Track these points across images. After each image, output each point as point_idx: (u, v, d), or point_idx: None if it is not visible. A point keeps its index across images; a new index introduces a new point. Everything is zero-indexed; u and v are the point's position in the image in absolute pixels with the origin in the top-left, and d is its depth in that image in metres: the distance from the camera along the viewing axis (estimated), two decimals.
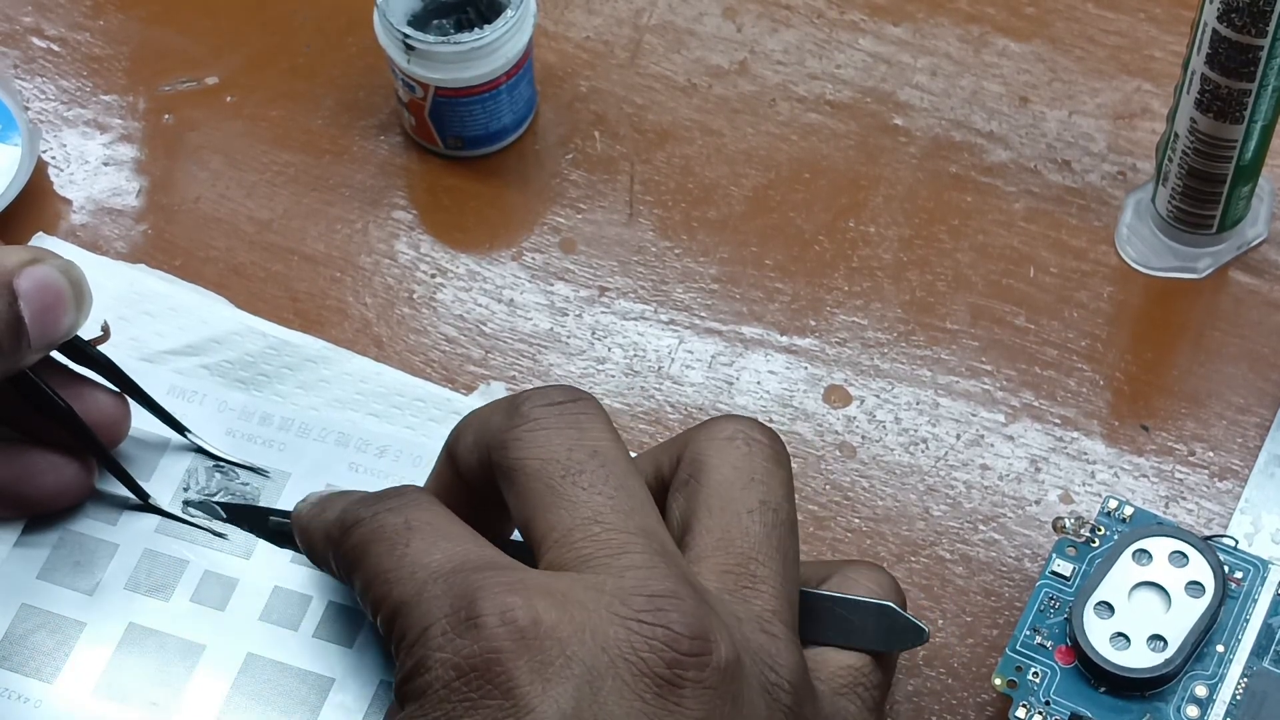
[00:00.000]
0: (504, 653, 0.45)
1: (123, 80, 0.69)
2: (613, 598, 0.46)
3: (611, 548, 0.47)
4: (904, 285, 0.64)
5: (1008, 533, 0.59)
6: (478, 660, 0.45)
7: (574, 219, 0.66)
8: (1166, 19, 0.70)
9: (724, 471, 0.50)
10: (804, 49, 0.70)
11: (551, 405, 0.50)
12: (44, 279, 0.54)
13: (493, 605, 0.46)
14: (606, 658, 0.45)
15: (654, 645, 0.45)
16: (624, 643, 0.46)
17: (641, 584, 0.46)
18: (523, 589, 0.46)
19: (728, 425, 0.51)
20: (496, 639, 0.45)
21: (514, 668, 0.45)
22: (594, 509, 0.48)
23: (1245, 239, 0.65)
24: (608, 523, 0.48)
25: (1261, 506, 0.59)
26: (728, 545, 0.49)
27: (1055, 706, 0.53)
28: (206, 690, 0.56)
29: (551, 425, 0.50)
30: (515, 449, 0.50)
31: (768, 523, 0.50)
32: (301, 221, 0.66)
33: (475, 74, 0.64)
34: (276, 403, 0.61)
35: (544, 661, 0.45)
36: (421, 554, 0.49)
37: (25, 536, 0.58)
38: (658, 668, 0.45)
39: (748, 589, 0.49)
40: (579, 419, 0.50)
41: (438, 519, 0.50)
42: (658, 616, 0.46)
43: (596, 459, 0.49)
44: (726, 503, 0.50)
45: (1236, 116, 0.59)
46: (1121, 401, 0.62)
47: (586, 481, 0.49)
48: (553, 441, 0.49)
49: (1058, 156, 0.67)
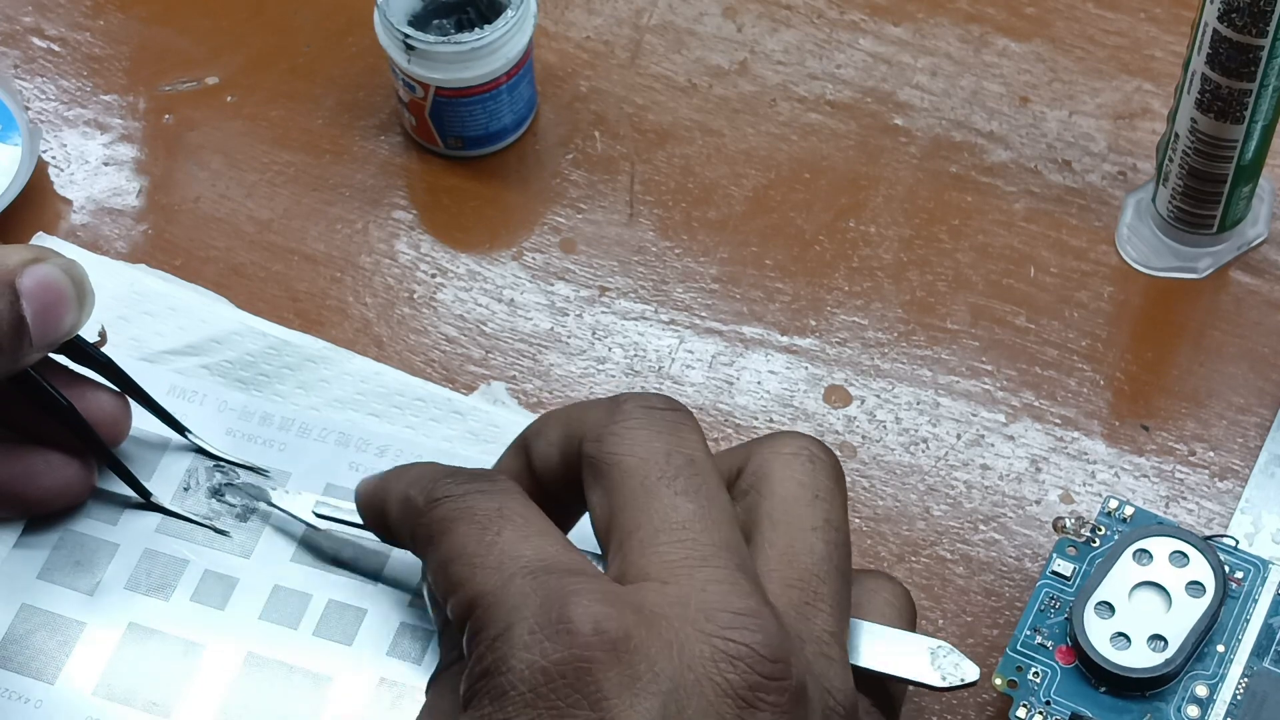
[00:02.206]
0: (596, 663, 0.44)
1: (123, 80, 0.70)
2: (698, 613, 0.46)
3: (695, 558, 0.47)
4: (904, 285, 0.64)
5: (1008, 532, 0.59)
6: (568, 668, 0.44)
7: (574, 219, 0.66)
8: (1167, 19, 0.70)
9: (789, 486, 0.50)
10: (804, 49, 0.70)
11: (652, 409, 0.50)
12: (46, 278, 0.54)
13: (586, 613, 0.45)
14: (692, 675, 0.45)
15: (738, 665, 0.45)
16: (708, 660, 0.45)
17: (725, 600, 0.46)
18: (615, 600, 0.45)
19: (792, 441, 0.51)
20: (590, 648, 0.44)
21: (604, 679, 0.44)
22: (684, 516, 0.48)
23: (1246, 239, 0.65)
24: (694, 532, 0.47)
25: (1262, 506, 0.59)
26: (792, 560, 0.49)
27: (1056, 706, 0.53)
28: (206, 690, 0.56)
29: (652, 427, 0.49)
30: (613, 443, 0.49)
31: (830, 541, 0.49)
32: (302, 221, 0.66)
33: (475, 74, 0.64)
34: (277, 403, 0.61)
35: (633, 676, 0.44)
36: (512, 545, 0.48)
37: (26, 536, 0.58)
38: (740, 689, 0.45)
39: (809, 606, 0.48)
40: (678, 426, 0.50)
41: (530, 513, 0.49)
42: (742, 635, 0.45)
43: (692, 467, 0.49)
44: (791, 518, 0.49)
45: (1237, 116, 0.59)
46: (1122, 401, 0.62)
47: (681, 487, 0.48)
48: (653, 442, 0.49)
49: (1058, 156, 0.67)
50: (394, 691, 0.56)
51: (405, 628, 0.57)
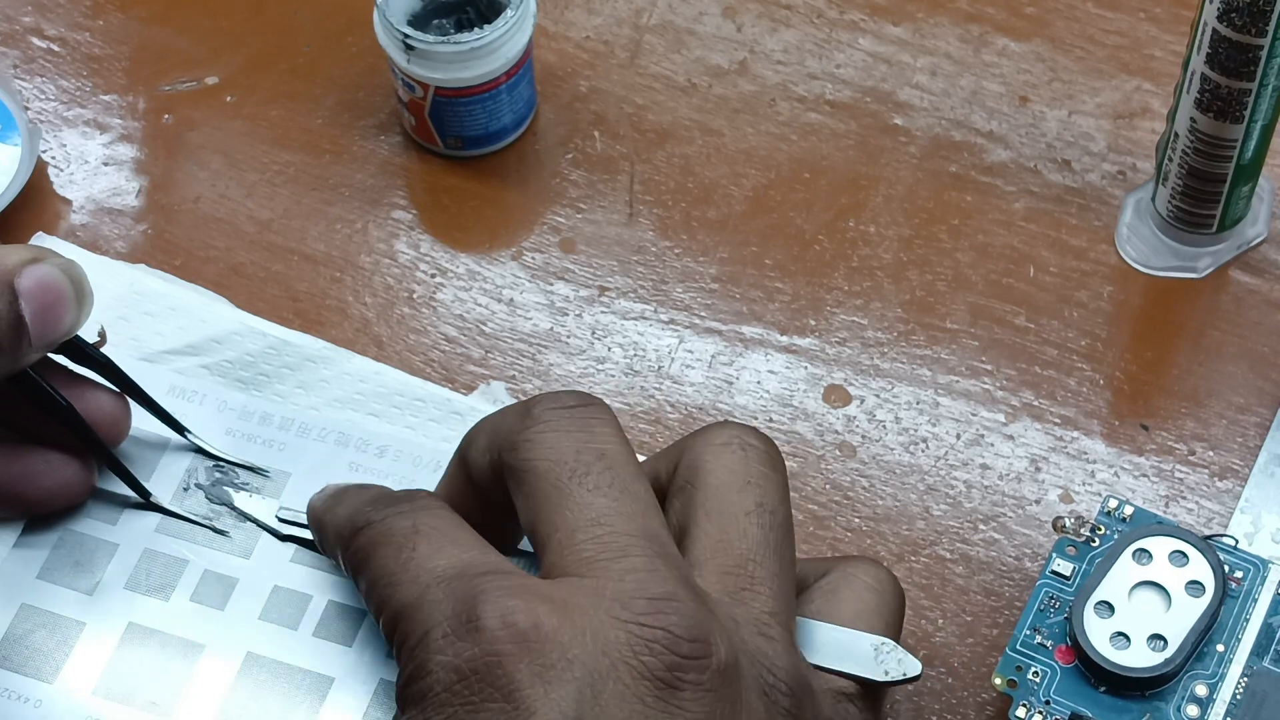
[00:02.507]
0: (505, 656, 0.45)
1: (123, 80, 0.70)
2: (613, 601, 0.46)
3: (613, 550, 0.48)
4: (904, 285, 0.64)
5: (1008, 532, 0.59)
6: (478, 663, 0.46)
7: (574, 219, 0.66)
8: (1166, 18, 0.70)
9: (720, 475, 0.50)
10: (804, 49, 0.70)
11: (562, 409, 0.50)
12: (45, 278, 0.54)
13: (494, 609, 0.46)
14: (607, 660, 0.45)
15: (654, 648, 0.46)
16: (624, 645, 0.46)
17: (641, 587, 0.47)
18: (524, 593, 0.46)
19: (723, 431, 0.51)
20: (498, 642, 0.45)
21: (515, 671, 0.45)
22: (597, 511, 0.48)
23: (1245, 238, 0.65)
24: (610, 525, 0.48)
25: (1261, 506, 0.59)
26: (726, 547, 0.49)
27: (1055, 706, 0.53)
28: (206, 690, 0.56)
29: (561, 428, 0.50)
30: (525, 449, 0.50)
31: (764, 525, 0.50)
32: (301, 221, 0.66)
33: (475, 74, 0.64)
34: (276, 402, 0.61)
35: (545, 665, 0.45)
36: (426, 559, 0.49)
37: (25, 536, 0.58)
38: (658, 670, 0.45)
39: (746, 591, 0.49)
40: (589, 423, 0.50)
41: (445, 525, 0.50)
42: (657, 619, 0.46)
43: (603, 461, 0.49)
44: (723, 506, 0.50)
45: (1236, 116, 0.59)
46: (1121, 401, 0.62)
47: (592, 483, 0.49)
48: (561, 443, 0.50)
49: (1058, 156, 0.67)
50: (394, 692, 0.56)
51: None
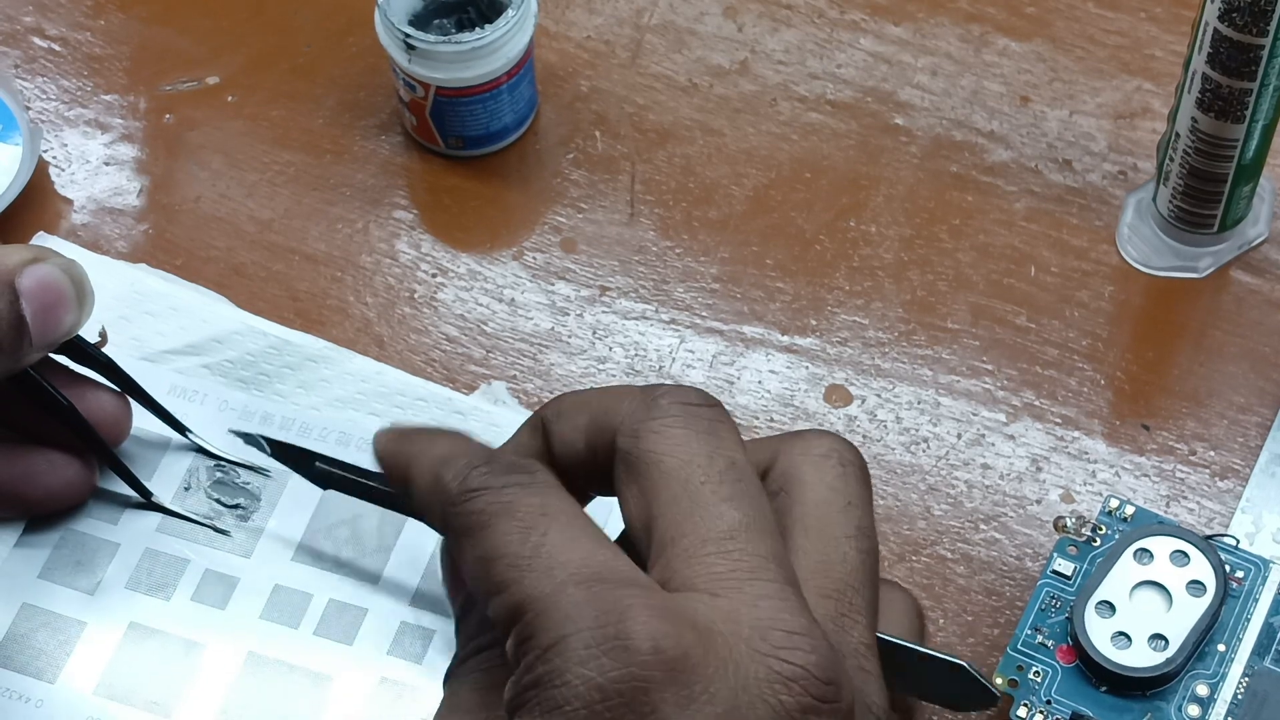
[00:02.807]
0: (653, 683, 0.43)
1: (123, 80, 0.70)
2: (752, 631, 0.44)
3: (744, 571, 0.45)
4: (905, 285, 0.64)
5: (1009, 532, 0.59)
6: (625, 687, 0.43)
7: (575, 219, 0.66)
8: (1167, 18, 0.70)
9: (820, 491, 0.49)
10: (805, 49, 0.70)
11: (690, 405, 0.48)
12: (46, 278, 0.54)
13: (645, 630, 0.44)
14: (746, 697, 0.44)
15: (792, 687, 0.44)
16: (764, 681, 0.44)
17: (777, 618, 0.45)
18: (672, 617, 0.44)
19: (822, 441, 0.50)
20: (648, 667, 0.43)
21: (660, 700, 0.43)
22: (730, 524, 0.46)
23: (1246, 238, 0.65)
24: (742, 542, 0.46)
25: (1262, 506, 0.59)
26: (827, 570, 0.48)
27: (1056, 706, 0.53)
28: (207, 689, 0.56)
29: (691, 426, 0.48)
30: (651, 441, 0.47)
31: (864, 549, 0.48)
32: (302, 221, 0.66)
33: (476, 74, 0.64)
34: (277, 402, 0.61)
35: (689, 697, 0.43)
36: (559, 549, 0.46)
37: (26, 536, 0.58)
38: (793, 710, 0.44)
39: (845, 618, 0.47)
40: (716, 426, 0.48)
41: (574, 513, 0.47)
42: (796, 656, 0.44)
43: (734, 471, 0.47)
44: (825, 526, 0.48)
45: (1237, 116, 0.59)
46: (1122, 401, 0.62)
47: (726, 493, 0.46)
48: (693, 443, 0.47)
49: (1058, 156, 0.67)
50: (394, 691, 0.56)
51: (406, 627, 0.57)
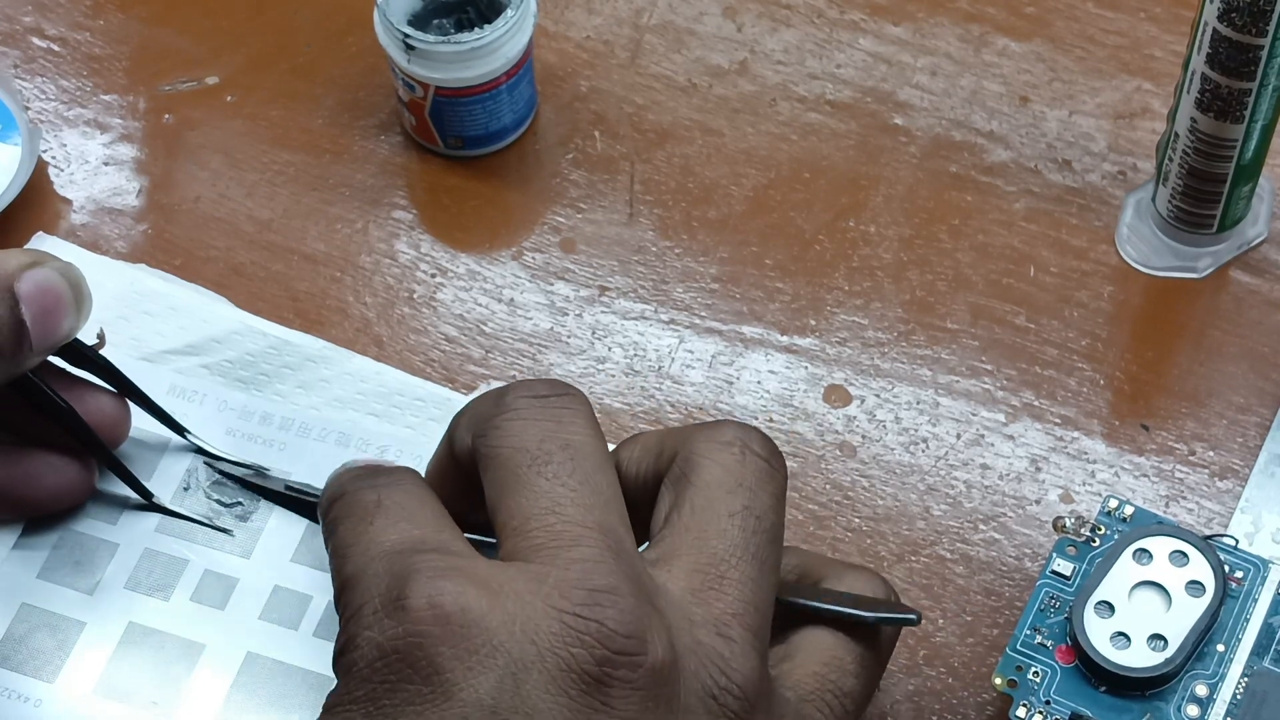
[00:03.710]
0: (427, 637, 0.45)
1: (123, 80, 0.70)
2: (552, 589, 0.46)
3: (564, 539, 0.47)
4: (904, 285, 0.64)
5: (1008, 532, 0.59)
6: (400, 643, 0.46)
7: (574, 219, 0.66)
8: (1166, 18, 0.70)
9: (714, 473, 0.50)
10: (804, 49, 0.70)
11: (535, 397, 0.50)
12: (44, 282, 0.54)
13: (422, 589, 0.46)
14: (535, 650, 0.45)
15: (585, 640, 0.45)
16: (555, 636, 0.45)
17: (584, 578, 0.46)
18: (456, 575, 0.46)
19: (729, 430, 0.51)
20: (421, 623, 0.46)
21: (436, 653, 0.45)
22: (553, 499, 0.48)
23: (1245, 238, 0.65)
24: (564, 514, 0.48)
25: (1262, 506, 0.59)
26: (701, 545, 0.49)
27: (1055, 706, 0.53)
28: (206, 690, 0.56)
29: (530, 416, 0.50)
30: (493, 436, 0.50)
31: (748, 528, 0.49)
32: (302, 221, 0.66)
33: (475, 74, 0.64)
34: (277, 402, 0.61)
35: (468, 649, 0.45)
36: (380, 532, 0.49)
37: (25, 536, 0.58)
38: (586, 664, 0.45)
39: (713, 590, 0.48)
40: (559, 412, 0.50)
41: (410, 500, 0.50)
42: (593, 611, 0.46)
43: (567, 451, 0.49)
44: (710, 503, 0.50)
45: (1237, 116, 0.59)
46: (1122, 401, 0.62)
47: (551, 472, 0.49)
48: (527, 431, 0.50)
49: (1058, 156, 0.67)
50: None
51: None
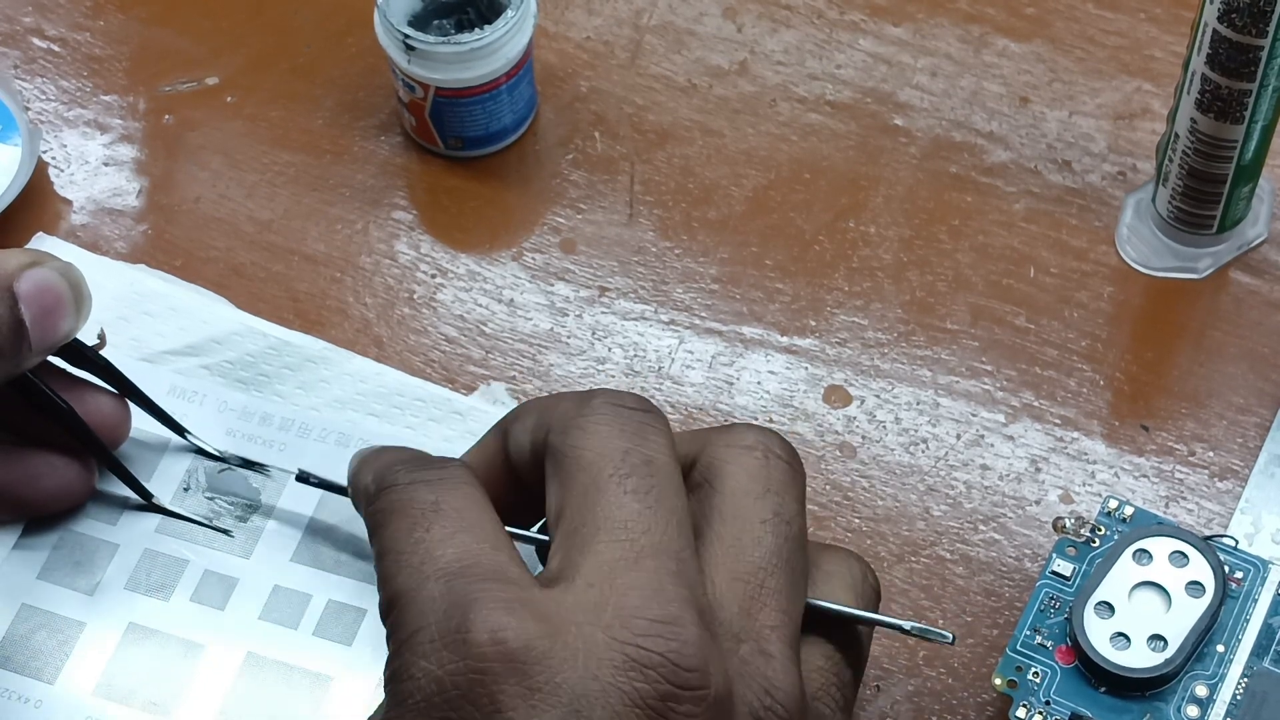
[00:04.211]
0: (489, 674, 0.44)
1: (123, 80, 0.70)
2: (613, 619, 0.45)
3: (628, 559, 0.46)
4: (904, 285, 0.64)
5: (1008, 533, 0.59)
6: (461, 679, 0.44)
7: (574, 219, 0.66)
8: (1166, 19, 0.70)
9: (740, 479, 0.50)
10: (804, 49, 0.70)
11: (623, 407, 0.50)
12: (44, 282, 0.54)
13: (484, 622, 0.45)
14: (598, 685, 0.44)
15: (649, 675, 0.45)
16: (618, 669, 0.45)
17: (643, 606, 0.45)
18: (519, 609, 0.45)
19: (748, 434, 0.51)
20: (485, 659, 0.44)
21: (498, 691, 0.44)
22: (627, 515, 0.47)
23: (1245, 239, 0.65)
24: (635, 533, 0.47)
25: (1262, 506, 0.59)
26: (739, 554, 0.48)
27: (1055, 706, 0.53)
28: (206, 690, 0.56)
29: (616, 424, 0.49)
30: (575, 436, 0.49)
31: (780, 534, 0.49)
32: (302, 222, 0.66)
33: (475, 74, 0.64)
34: (277, 403, 0.61)
35: (531, 688, 0.44)
36: (437, 544, 0.47)
37: (25, 537, 0.58)
38: (650, 698, 0.44)
39: (754, 600, 0.48)
40: (644, 427, 0.49)
41: (468, 506, 0.49)
42: (655, 643, 0.45)
43: (648, 468, 0.48)
44: (740, 511, 0.49)
45: (1237, 117, 0.59)
46: (1122, 401, 0.62)
47: (631, 486, 0.48)
48: (613, 439, 0.49)
49: (1058, 157, 0.67)
50: None
51: None
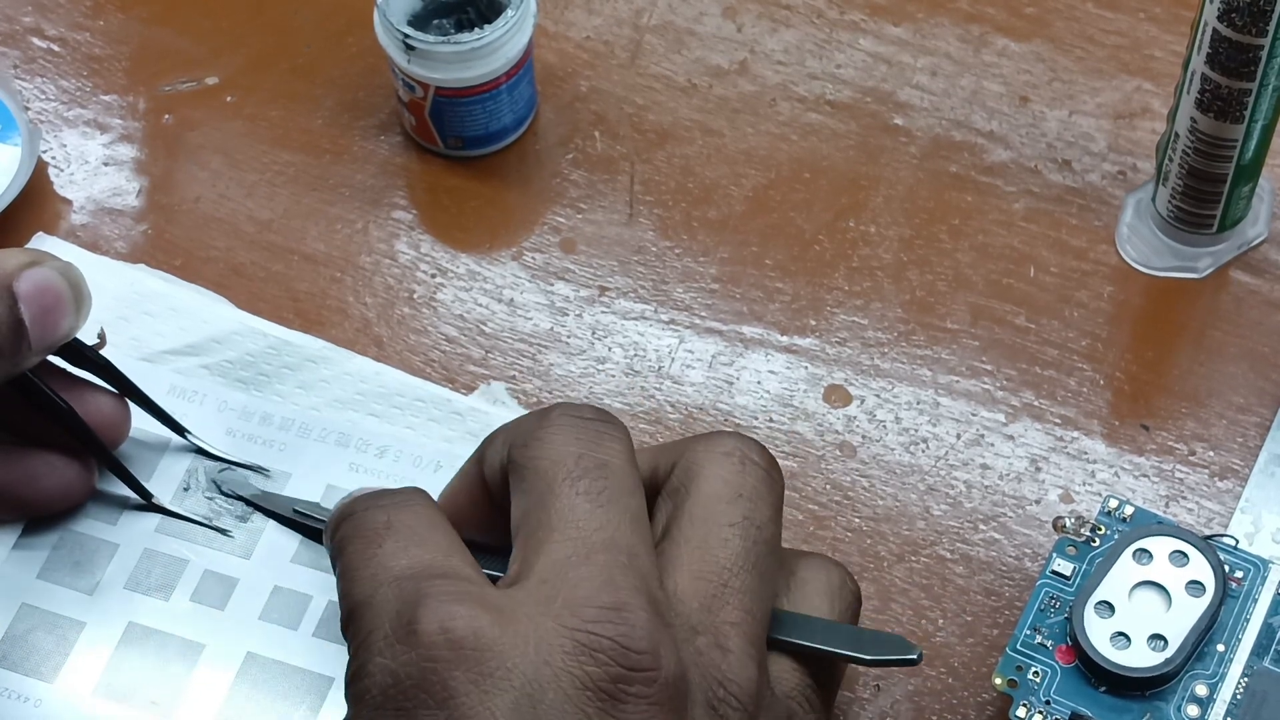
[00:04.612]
0: (440, 662, 0.45)
1: (123, 80, 0.70)
2: (562, 608, 0.46)
3: (579, 555, 0.47)
4: (904, 285, 0.64)
5: (1008, 532, 0.59)
6: (413, 669, 0.45)
7: (574, 219, 0.66)
8: (1166, 19, 0.70)
9: (714, 484, 0.50)
10: (804, 49, 0.70)
11: (579, 418, 0.51)
12: (43, 281, 0.54)
13: (433, 615, 0.46)
14: (550, 670, 0.45)
15: (599, 657, 0.45)
16: (569, 654, 0.45)
17: (594, 594, 0.46)
18: (468, 599, 0.46)
19: (727, 441, 0.51)
20: (434, 649, 0.45)
21: (450, 678, 0.45)
22: (579, 515, 0.48)
23: (1245, 239, 0.65)
24: (586, 530, 0.48)
25: (1262, 506, 0.59)
26: (704, 555, 0.49)
27: (1055, 706, 0.53)
28: (206, 689, 0.56)
29: (572, 433, 0.50)
30: (534, 447, 0.50)
31: (748, 538, 0.49)
32: (302, 221, 0.66)
33: (475, 74, 0.64)
34: (277, 403, 0.61)
35: (483, 673, 0.45)
36: (389, 556, 0.49)
37: (25, 537, 0.58)
38: (601, 681, 0.45)
39: (715, 599, 0.48)
40: (600, 435, 0.50)
41: (420, 523, 0.50)
42: (605, 628, 0.46)
43: (601, 471, 0.49)
44: (710, 514, 0.50)
45: (1237, 116, 0.59)
46: (1122, 401, 0.62)
47: (584, 488, 0.49)
48: (567, 447, 0.50)
49: (1058, 156, 0.67)
50: None
51: None
